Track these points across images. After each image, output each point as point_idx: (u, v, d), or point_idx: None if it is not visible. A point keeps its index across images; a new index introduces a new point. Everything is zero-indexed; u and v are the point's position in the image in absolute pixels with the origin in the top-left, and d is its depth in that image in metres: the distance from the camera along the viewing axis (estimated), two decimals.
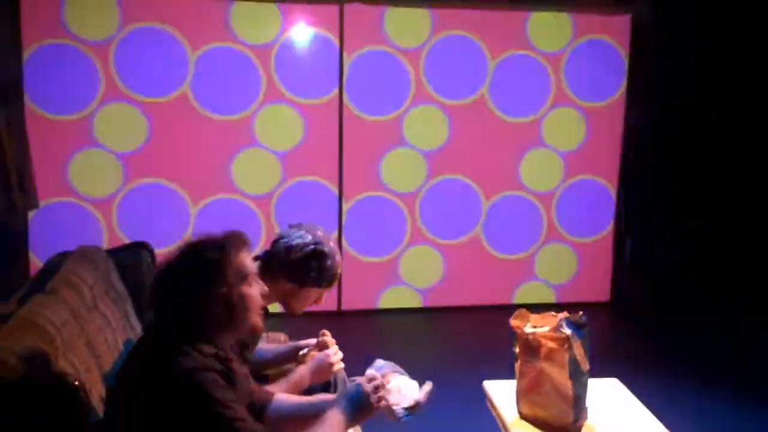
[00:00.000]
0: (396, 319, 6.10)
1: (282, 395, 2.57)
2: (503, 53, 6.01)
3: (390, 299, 6.17)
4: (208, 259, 2.18)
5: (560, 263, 6.40)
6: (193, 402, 2.03)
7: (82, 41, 5.44)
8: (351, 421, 2.27)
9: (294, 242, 2.87)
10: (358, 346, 3.55)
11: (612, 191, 6.37)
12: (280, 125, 5.81)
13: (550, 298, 6.37)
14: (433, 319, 6.15)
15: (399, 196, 6.07)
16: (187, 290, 2.15)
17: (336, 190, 5.95)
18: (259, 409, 2.44)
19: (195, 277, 2.16)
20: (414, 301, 6.21)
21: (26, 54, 5.37)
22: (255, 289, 2.28)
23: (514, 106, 6.11)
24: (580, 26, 6.08)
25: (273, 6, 5.65)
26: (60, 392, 1.98)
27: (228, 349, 2.26)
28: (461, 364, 5.22)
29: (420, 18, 5.87)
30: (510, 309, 2.92)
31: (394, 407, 2.42)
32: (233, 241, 2.27)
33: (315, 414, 2.35)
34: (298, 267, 2.84)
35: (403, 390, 2.49)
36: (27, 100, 5.44)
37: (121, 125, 5.59)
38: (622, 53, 6.16)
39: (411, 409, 2.46)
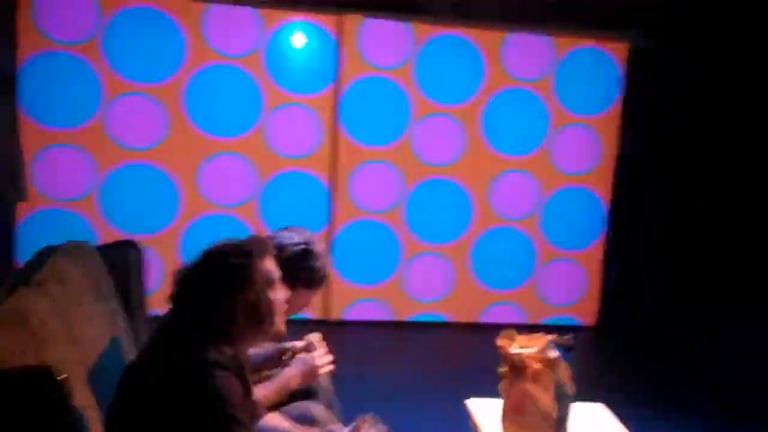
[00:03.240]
0: (378, 331, 6.07)
1: (271, 417, 2.59)
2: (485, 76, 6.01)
3: (373, 311, 6.14)
4: (236, 265, 2.23)
5: (548, 283, 6.39)
6: (206, 396, 2.07)
7: (67, 44, 5.41)
8: None
9: (285, 242, 2.88)
10: (344, 357, 3.52)
11: (604, 207, 6.34)
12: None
13: (533, 318, 6.34)
14: (414, 333, 6.12)
15: (381, 213, 6.05)
16: (214, 295, 2.20)
17: (327, 199, 5.93)
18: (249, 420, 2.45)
19: (223, 282, 2.21)
20: (398, 314, 6.18)
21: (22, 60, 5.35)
22: (280, 295, 2.34)
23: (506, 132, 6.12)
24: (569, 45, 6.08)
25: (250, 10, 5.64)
26: (44, 386, 1.95)
27: (246, 355, 2.28)
28: (444, 381, 5.19)
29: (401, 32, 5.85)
30: (492, 328, 2.92)
31: None
32: (259, 246, 2.32)
33: None
34: (289, 266, 2.84)
35: None
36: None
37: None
38: (618, 63, 6.14)
39: None
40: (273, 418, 2.57)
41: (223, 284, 2.21)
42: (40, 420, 1.97)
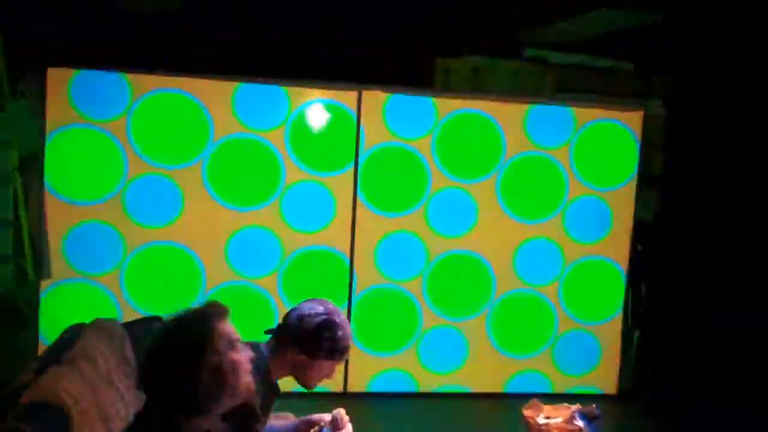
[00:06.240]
0: (400, 403, 6.04)
1: None
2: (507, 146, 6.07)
3: (395, 383, 6.12)
4: (195, 332, 2.23)
5: (567, 353, 6.35)
6: None
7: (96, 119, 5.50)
8: None
9: (306, 312, 2.91)
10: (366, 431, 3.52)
11: (623, 278, 6.30)
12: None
13: (555, 388, 6.30)
14: (434, 404, 6.08)
15: (403, 281, 6.06)
16: (178, 365, 2.18)
17: (348, 272, 5.96)
18: None
19: (185, 351, 2.20)
20: (418, 386, 6.15)
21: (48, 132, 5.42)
22: (243, 355, 2.32)
23: (523, 200, 6.15)
24: (587, 116, 6.15)
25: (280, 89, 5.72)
26: None
27: (218, 422, 2.26)
28: None
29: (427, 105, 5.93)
30: (513, 398, 2.93)
31: None
32: (215, 310, 2.32)
33: None
34: (310, 337, 2.88)
35: None
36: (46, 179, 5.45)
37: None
38: (635, 134, 6.18)
39: None
40: None
41: (185, 352, 2.19)
42: None
